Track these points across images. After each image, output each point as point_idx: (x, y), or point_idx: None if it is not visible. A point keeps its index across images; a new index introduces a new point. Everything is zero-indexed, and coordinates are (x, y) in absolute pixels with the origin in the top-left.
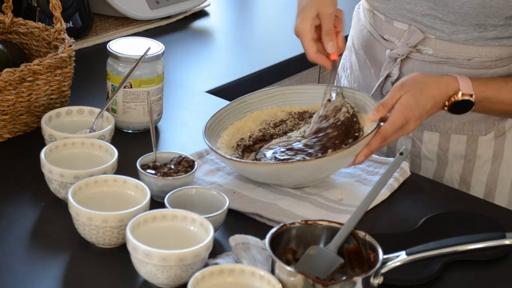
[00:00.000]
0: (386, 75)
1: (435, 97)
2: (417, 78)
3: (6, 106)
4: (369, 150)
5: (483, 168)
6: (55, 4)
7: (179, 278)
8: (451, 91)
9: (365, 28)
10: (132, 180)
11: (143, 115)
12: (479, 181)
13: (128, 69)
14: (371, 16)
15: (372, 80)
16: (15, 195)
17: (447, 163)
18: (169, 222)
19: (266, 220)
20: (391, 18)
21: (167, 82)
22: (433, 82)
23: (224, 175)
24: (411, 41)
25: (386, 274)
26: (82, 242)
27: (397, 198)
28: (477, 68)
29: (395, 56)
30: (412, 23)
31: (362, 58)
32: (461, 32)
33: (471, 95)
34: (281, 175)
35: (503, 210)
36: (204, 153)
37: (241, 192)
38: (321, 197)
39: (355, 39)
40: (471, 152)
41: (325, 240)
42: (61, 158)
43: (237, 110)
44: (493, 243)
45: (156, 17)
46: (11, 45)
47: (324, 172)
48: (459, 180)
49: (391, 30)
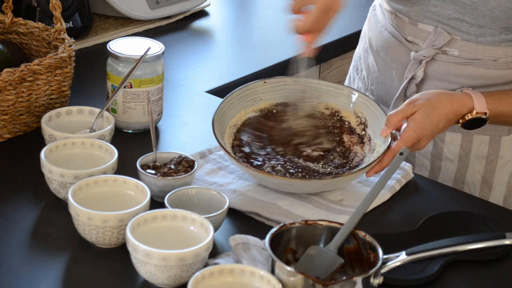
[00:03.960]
0: (411, 77)
1: (448, 115)
2: (431, 94)
3: (6, 106)
4: (381, 167)
5: (505, 168)
6: (55, 4)
7: (179, 278)
8: (465, 109)
9: (385, 30)
10: (132, 180)
11: (143, 115)
12: (501, 182)
13: (128, 69)
14: (393, 18)
15: (393, 82)
16: (15, 195)
17: (469, 164)
18: (169, 222)
19: (265, 220)
20: (416, 20)
21: (167, 82)
22: (447, 99)
23: (226, 174)
24: (437, 43)
25: (386, 274)
26: (82, 242)
27: (397, 198)
28: (503, 69)
29: (420, 58)
30: (438, 25)
31: (383, 60)
32: (488, 34)
33: (485, 113)
34: (291, 188)
35: (503, 210)
36: (207, 153)
37: (241, 191)
38: (322, 198)
39: (373, 41)
40: (493, 153)
41: (325, 240)
42: (61, 158)
43: (242, 98)
44: (493, 243)
45: (156, 17)
46: (11, 45)
47: (330, 188)
48: (481, 180)
49: (415, 32)
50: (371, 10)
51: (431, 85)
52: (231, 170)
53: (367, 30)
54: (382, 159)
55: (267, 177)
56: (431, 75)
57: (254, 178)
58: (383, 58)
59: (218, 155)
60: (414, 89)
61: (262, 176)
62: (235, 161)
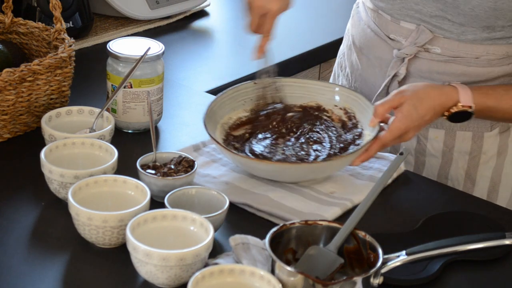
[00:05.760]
0: (393, 75)
1: (435, 107)
2: (418, 86)
3: (6, 106)
4: (367, 155)
5: (488, 164)
6: (55, 4)
7: (179, 278)
8: (451, 102)
9: (368, 28)
10: (132, 180)
11: (143, 115)
12: (484, 177)
13: (128, 69)
14: (375, 16)
15: (376, 79)
16: (15, 195)
17: (452, 160)
18: (169, 222)
19: (255, 211)
20: (398, 18)
21: (167, 82)
22: (434, 92)
23: (219, 166)
24: (419, 41)
25: (386, 274)
26: (82, 242)
27: (397, 198)
28: (484, 66)
29: (402, 55)
30: (420, 23)
31: (366, 58)
32: (469, 33)
33: (470, 107)
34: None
35: (503, 210)
36: (201, 146)
37: (234, 183)
38: (313, 190)
39: (356, 38)
40: (476, 148)
41: (325, 240)
42: (61, 158)
43: (233, 99)
44: (493, 243)
45: (156, 17)
46: (11, 45)
47: (319, 174)
48: (464, 176)
49: (397, 30)
50: (354, 7)
51: (414, 82)
52: (224, 163)
53: (351, 27)
54: (369, 148)
55: (253, 163)
56: (414, 73)
57: (243, 166)
58: (366, 55)
59: (211, 148)
60: (396, 87)
61: (248, 162)
62: (224, 149)
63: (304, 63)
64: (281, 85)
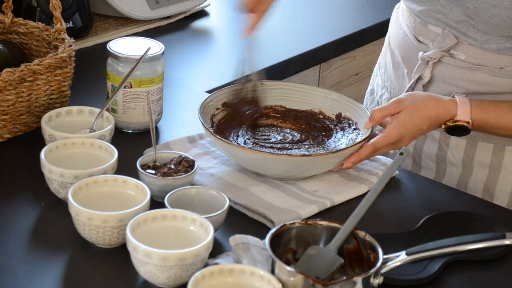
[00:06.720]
0: (418, 78)
1: (431, 119)
2: (417, 96)
3: (6, 106)
4: (359, 158)
5: (507, 178)
6: (55, 4)
7: (179, 278)
8: (448, 115)
9: (401, 29)
10: (132, 180)
11: (143, 115)
12: (503, 191)
13: (128, 69)
14: (408, 17)
15: (404, 81)
16: (15, 195)
17: (472, 171)
18: (169, 222)
19: (232, 203)
20: (425, 21)
21: (167, 82)
22: (432, 103)
23: (210, 158)
24: (444, 45)
25: (386, 274)
26: (82, 242)
27: (397, 198)
28: (509, 77)
29: (427, 59)
30: (446, 27)
31: (397, 58)
32: (493, 41)
33: (468, 122)
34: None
35: (503, 210)
36: (197, 138)
37: (219, 175)
38: (297, 187)
39: (391, 38)
40: (496, 161)
41: (325, 240)
42: (61, 158)
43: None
44: (493, 243)
45: (156, 17)
46: (11, 45)
47: (305, 169)
48: (483, 188)
49: (425, 32)
50: (395, 8)
51: (438, 87)
52: (216, 156)
53: (390, 27)
54: (361, 151)
55: (238, 151)
56: (438, 77)
57: (228, 154)
58: (397, 56)
59: (207, 141)
60: (421, 89)
61: (231, 149)
62: (209, 133)
63: (304, 63)
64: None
